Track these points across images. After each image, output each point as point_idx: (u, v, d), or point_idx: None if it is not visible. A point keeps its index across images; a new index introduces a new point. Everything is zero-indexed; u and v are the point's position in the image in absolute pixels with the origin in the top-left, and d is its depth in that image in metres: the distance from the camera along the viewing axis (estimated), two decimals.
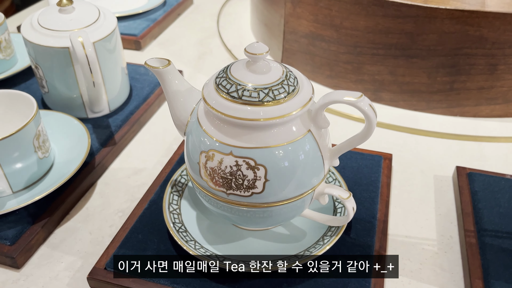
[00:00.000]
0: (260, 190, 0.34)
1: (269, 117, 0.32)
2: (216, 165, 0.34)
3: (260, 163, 0.33)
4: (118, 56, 0.57)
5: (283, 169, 0.33)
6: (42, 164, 0.47)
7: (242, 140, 0.33)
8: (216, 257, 0.39)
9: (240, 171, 0.33)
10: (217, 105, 0.33)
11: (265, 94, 0.33)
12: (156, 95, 0.63)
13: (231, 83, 0.34)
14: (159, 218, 0.44)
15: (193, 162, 0.36)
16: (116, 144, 0.55)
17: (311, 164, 0.35)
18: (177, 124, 0.39)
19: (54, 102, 0.58)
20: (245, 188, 0.34)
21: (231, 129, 0.33)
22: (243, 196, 0.34)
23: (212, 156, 0.34)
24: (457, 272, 0.41)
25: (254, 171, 0.33)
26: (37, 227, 0.44)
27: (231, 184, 0.34)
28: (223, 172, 0.34)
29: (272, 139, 0.33)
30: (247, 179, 0.34)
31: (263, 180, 0.34)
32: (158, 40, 0.80)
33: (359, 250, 0.41)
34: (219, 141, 0.34)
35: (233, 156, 0.33)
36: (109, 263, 0.40)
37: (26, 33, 0.54)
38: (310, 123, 0.35)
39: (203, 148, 0.35)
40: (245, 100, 0.33)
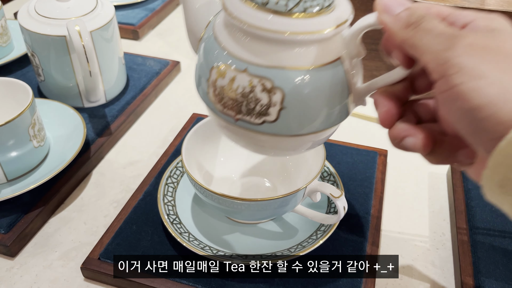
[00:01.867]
0: (274, 119, 0.29)
1: (296, 31, 0.27)
2: (227, 83, 0.29)
3: (277, 85, 0.28)
4: (115, 45, 0.57)
5: (303, 97, 0.28)
6: (37, 153, 0.47)
7: (260, 57, 0.28)
8: (210, 249, 0.39)
9: (253, 93, 0.29)
10: (236, 11, 0.28)
11: (295, 3, 0.27)
12: (153, 86, 0.63)
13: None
14: (154, 209, 0.44)
15: (203, 80, 0.31)
16: (112, 134, 0.55)
17: (336, 97, 0.29)
18: (191, 39, 0.35)
19: (50, 91, 0.57)
20: (256, 114, 0.29)
21: (250, 43, 0.28)
22: (253, 124, 0.30)
23: (224, 72, 0.29)
24: (448, 269, 0.41)
25: (270, 95, 0.28)
26: (32, 215, 0.44)
27: (241, 107, 0.29)
28: (234, 93, 0.29)
29: (295, 60, 0.28)
30: (260, 104, 0.29)
31: (278, 107, 0.29)
32: (156, 30, 0.80)
33: (352, 246, 0.41)
34: (233, 56, 0.29)
35: (247, 75, 0.28)
36: (103, 253, 0.40)
37: (22, 21, 0.53)
38: (343, 48, 0.29)
39: (214, 63, 0.30)
40: (270, 8, 0.27)
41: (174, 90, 0.65)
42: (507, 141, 0.20)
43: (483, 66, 0.22)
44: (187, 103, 0.63)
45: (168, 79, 0.66)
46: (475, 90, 0.21)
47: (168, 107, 0.62)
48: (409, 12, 0.25)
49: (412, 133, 0.26)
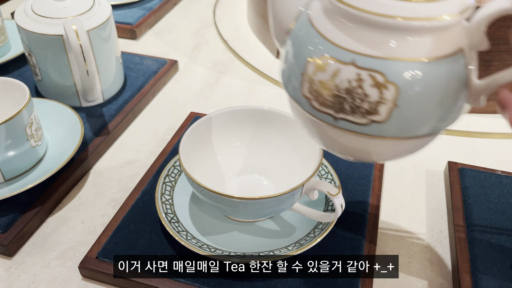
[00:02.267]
0: (383, 119, 0.25)
1: (414, 17, 0.23)
2: (328, 77, 0.26)
3: (391, 80, 0.24)
4: (112, 45, 0.57)
5: (419, 94, 0.25)
6: (34, 153, 0.47)
7: (370, 46, 0.24)
8: (208, 247, 0.39)
9: (361, 88, 0.25)
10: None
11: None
12: (151, 85, 0.63)
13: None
14: (152, 208, 0.44)
15: (294, 73, 0.28)
16: (110, 133, 0.55)
17: (454, 96, 0.26)
18: (275, 30, 0.31)
19: (47, 90, 0.57)
20: (362, 113, 0.25)
21: (357, 30, 0.25)
22: (357, 124, 0.26)
23: (325, 64, 0.26)
24: (446, 266, 0.42)
25: (381, 90, 0.25)
26: (29, 215, 0.44)
27: (343, 105, 0.26)
28: (336, 88, 0.25)
29: (412, 50, 0.24)
30: (368, 101, 0.25)
31: (389, 104, 0.25)
32: (154, 30, 0.80)
33: (350, 243, 0.41)
34: (337, 45, 0.25)
35: (355, 67, 0.25)
36: (101, 253, 0.40)
37: (19, 20, 0.53)
38: (465, 38, 0.25)
39: (313, 54, 0.26)
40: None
41: (172, 89, 0.65)
42: None
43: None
44: (184, 102, 0.63)
45: (166, 78, 0.66)
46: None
47: (165, 106, 0.62)
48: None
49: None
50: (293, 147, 0.44)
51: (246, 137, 0.46)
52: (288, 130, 0.44)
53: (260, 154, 0.46)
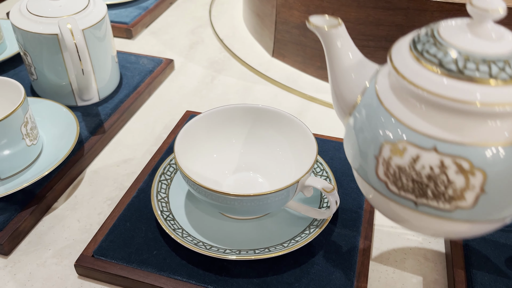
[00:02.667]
0: (469, 205, 0.25)
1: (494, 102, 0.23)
2: (407, 162, 0.25)
3: (478, 166, 0.24)
4: (108, 44, 0.57)
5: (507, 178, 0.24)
6: (30, 152, 0.47)
7: (454, 132, 0.24)
8: (203, 245, 0.39)
9: (445, 175, 0.24)
10: (420, 80, 0.24)
11: (499, 68, 0.23)
12: (147, 84, 0.63)
13: (444, 50, 0.24)
14: (148, 206, 0.44)
15: (366, 154, 0.27)
16: (106, 132, 0.55)
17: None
18: (339, 104, 0.31)
19: (43, 90, 0.57)
20: (447, 199, 0.25)
21: (436, 115, 0.24)
22: (441, 210, 0.25)
23: (403, 150, 0.25)
24: (440, 262, 0.42)
25: (468, 177, 0.24)
26: (25, 214, 0.44)
27: (426, 191, 0.25)
28: (417, 174, 0.25)
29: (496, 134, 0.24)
30: (452, 187, 0.25)
31: (477, 190, 0.24)
32: (150, 29, 0.80)
33: (345, 240, 0.41)
34: (416, 130, 0.25)
35: (437, 153, 0.24)
36: (97, 251, 0.40)
37: (14, 19, 0.53)
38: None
39: (387, 138, 0.26)
40: (469, 76, 0.23)
41: (168, 88, 0.65)
42: None
43: None
44: (180, 101, 0.63)
45: (162, 77, 0.66)
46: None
47: (161, 105, 0.62)
48: None
49: None
50: (288, 145, 0.45)
51: (242, 135, 0.46)
52: (283, 127, 0.44)
53: (255, 151, 0.46)
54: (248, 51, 0.73)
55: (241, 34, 0.78)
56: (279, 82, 0.65)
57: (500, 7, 0.25)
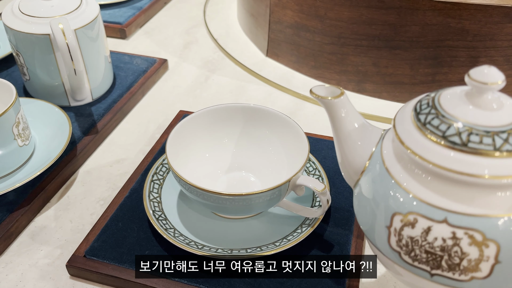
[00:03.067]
0: (486, 275, 0.25)
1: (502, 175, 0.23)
2: (419, 234, 0.25)
3: (490, 237, 0.24)
4: (101, 44, 0.57)
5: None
6: (22, 152, 0.47)
7: (464, 204, 0.24)
8: (195, 244, 0.39)
9: (458, 247, 0.25)
10: (426, 153, 0.24)
11: (503, 140, 0.24)
12: (140, 84, 0.63)
13: (447, 122, 0.25)
14: (140, 206, 0.44)
15: (378, 224, 0.27)
16: (99, 132, 0.55)
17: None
18: (347, 172, 0.32)
19: (35, 90, 0.57)
20: (462, 270, 0.25)
21: (445, 186, 0.25)
22: (457, 280, 0.25)
23: (414, 221, 0.25)
24: None
25: (481, 248, 0.24)
26: (17, 214, 0.44)
27: (440, 262, 0.25)
28: (430, 246, 0.25)
29: (505, 205, 0.24)
30: (467, 259, 0.25)
31: (491, 261, 0.24)
32: (144, 29, 0.80)
33: (337, 239, 0.41)
34: (426, 202, 0.25)
35: (448, 225, 0.24)
36: (89, 251, 0.40)
37: (6, 20, 0.53)
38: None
39: (398, 209, 0.26)
40: (473, 148, 0.24)
41: (161, 88, 0.65)
42: None
43: None
44: (174, 101, 0.63)
45: (155, 77, 0.66)
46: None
47: (155, 105, 0.62)
48: None
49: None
50: (280, 144, 0.45)
51: (234, 134, 0.46)
52: (275, 127, 0.44)
53: (248, 151, 0.46)
54: (242, 51, 0.73)
55: (235, 33, 0.78)
56: (273, 82, 0.65)
57: (500, 80, 0.24)
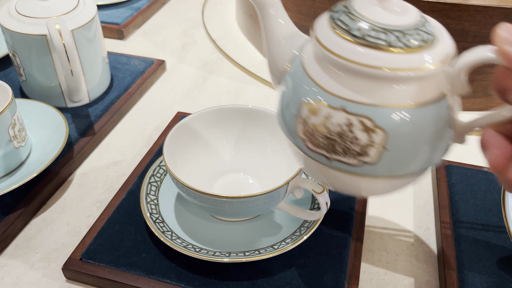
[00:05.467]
0: (374, 160, 0.27)
1: (400, 68, 0.25)
2: (320, 121, 0.27)
3: (379, 125, 0.26)
4: (98, 44, 0.56)
5: (406, 137, 0.26)
6: (18, 154, 0.47)
7: (359, 94, 0.26)
8: (193, 247, 0.39)
9: (351, 133, 0.27)
10: (330, 45, 0.27)
11: (396, 37, 0.25)
12: (138, 85, 0.62)
13: (354, 18, 0.27)
14: (137, 208, 0.44)
15: (289, 115, 0.29)
16: (96, 134, 0.54)
17: (439, 137, 0.28)
18: (272, 71, 0.33)
19: (32, 91, 0.57)
20: (354, 154, 0.27)
21: (346, 78, 0.26)
22: (349, 165, 0.28)
23: (317, 109, 0.27)
24: (432, 263, 0.41)
25: (370, 134, 0.26)
26: (13, 217, 0.43)
27: (335, 147, 0.27)
28: (328, 132, 0.27)
29: (397, 97, 0.26)
30: (359, 144, 0.27)
31: (379, 147, 0.27)
32: (142, 30, 0.79)
33: (336, 241, 0.41)
34: (328, 92, 0.27)
35: (345, 113, 0.26)
36: (85, 254, 0.40)
37: (3, 20, 0.53)
38: (447, 84, 0.27)
39: (306, 99, 0.28)
40: (370, 42, 0.26)
41: (159, 89, 0.65)
42: None
43: None
44: (172, 102, 0.62)
45: (153, 78, 0.65)
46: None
47: (152, 106, 0.62)
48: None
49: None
50: (279, 146, 0.44)
51: (232, 136, 0.46)
52: (274, 128, 0.44)
53: (246, 152, 0.46)
54: (241, 52, 0.73)
55: (233, 35, 0.78)
56: (271, 83, 0.65)
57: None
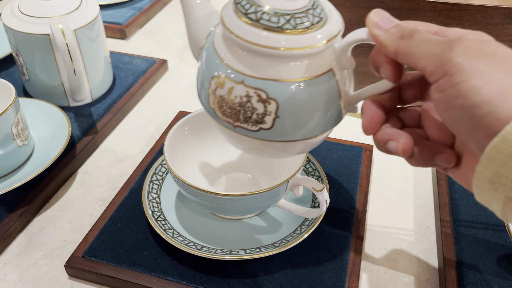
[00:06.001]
0: (269, 126, 0.31)
1: (286, 47, 0.29)
2: (225, 93, 0.31)
3: (272, 97, 0.30)
4: (100, 44, 0.57)
5: (296, 107, 0.30)
6: (21, 152, 0.47)
7: (256, 70, 0.30)
8: (194, 245, 0.39)
9: (250, 103, 0.30)
10: (232, 26, 0.30)
11: (286, 20, 0.29)
12: (140, 84, 0.63)
13: (251, 3, 0.30)
14: (139, 206, 0.44)
15: (203, 88, 0.33)
16: (98, 133, 0.55)
17: (328, 107, 0.31)
18: (192, 46, 0.36)
19: (35, 90, 0.57)
20: (253, 122, 0.31)
21: (246, 56, 0.30)
22: (250, 131, 0.32)
23: (223, 83, 0.31)
24: (432, 262, 0.42)
25: (265, 104, 0.30)
26: (16, 215, 0.44)
27: (239, 115, 0.31)
28: (232, 102, 0.31)
29: (287, 73, 0.30)
30: (256, 113, 0.31)
31: (273, 115, 0.30)
32: (144, 29, 0.80)
33: (336, 240, 0.41)
34: (231, 68, 0.31)
35: (244, 86, 0.30)
36: (87, 251, 0.40)
37: (6, 20, 0.53)
38: (333, 61, 0.30)
39: (214, 74, 0.32)
40: (263, 24, 0.29)
41: (161, 89, 0.65)
42: (500, 137, 0.22)
43: (482, 67, 0.23)
44: (173, 101, 0.62)
45: (155, 78, 0.66)
46: (475, 88, 0.22)
47: (154, 105, 0.62)
48: (401, 27, 0.26)
49: (395, 137, 0.28)
50: None
51: None
52: None
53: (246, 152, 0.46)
54: None
55: None
56: None
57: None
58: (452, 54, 0.23)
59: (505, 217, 0.24)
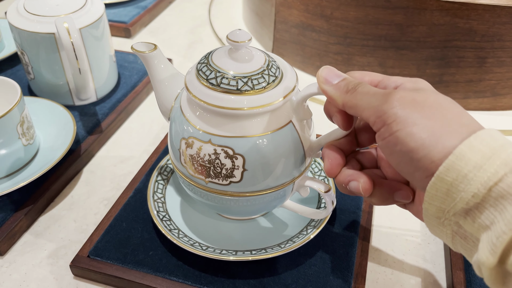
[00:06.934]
0: (238, 180, 0.34)
1: (247, 107, 0.32)
2: (195, 152, 0.34)
3: (238, 152, 0.33)
4: (105, 43, 0.56)
5: (261, 159, 0.33)
6: (26, 151, 0.47)
7: (221, 129, 0.33)
8: (199, 245, 0.39)
9: (218, 160, 0.33)
10: (196, 92, 0.33)
11: (243, 83, 0.32)
12: (144, 84, 0.62)
13: (211, 69, 0.33)
14: (144, 206, 0.44)
15: (174, 148, 0.36)
16: (103, 132, 0.55)
17: (292, 155, 0.34)
18: (162, 110, 0.39)
19: (40, 89, 0.57)
20: (223, 176, 0.34)
21: (211, 117, 0.33)
22: (221, 185, 0.34)
23: (192, 143, 0.34)
24: (439, 263, 0.41)
25: (232, 160, 0.33)
26: (21, 214, 0.44)
27: (209, 172, 0.34)
28: (201, 160, 0.34)
29: (250, 129, 0.33)
30: (225, 168, 0.33)
31: (241, 169, 0.33)
32: (148, 28, 0.80)
33: (343, 241, 0.41)
34: (198, 129, 0.33)
35: (211, 144, 0.33)
36: (92, 251, 0.40)
37: (11, 19, 0.53)
38: (292, 113, 0.34)
39: (183, 135, 0.34)
40: (224, 88, 0.32)
41: None
42: (436, 177, 0.24)
43: (414, 115, 0.25)
44: None
45: None
46: (410, 135, 0.25)
47: None
48: (347, 81, 0.29)
49: (355, 177, 0.30)
50: None
51: None
52: None
53: None
54: None
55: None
56: None
57: (247, 39, 0.33)
58: (388, 106, 0.26)
59: (456, 249, 0.27)
